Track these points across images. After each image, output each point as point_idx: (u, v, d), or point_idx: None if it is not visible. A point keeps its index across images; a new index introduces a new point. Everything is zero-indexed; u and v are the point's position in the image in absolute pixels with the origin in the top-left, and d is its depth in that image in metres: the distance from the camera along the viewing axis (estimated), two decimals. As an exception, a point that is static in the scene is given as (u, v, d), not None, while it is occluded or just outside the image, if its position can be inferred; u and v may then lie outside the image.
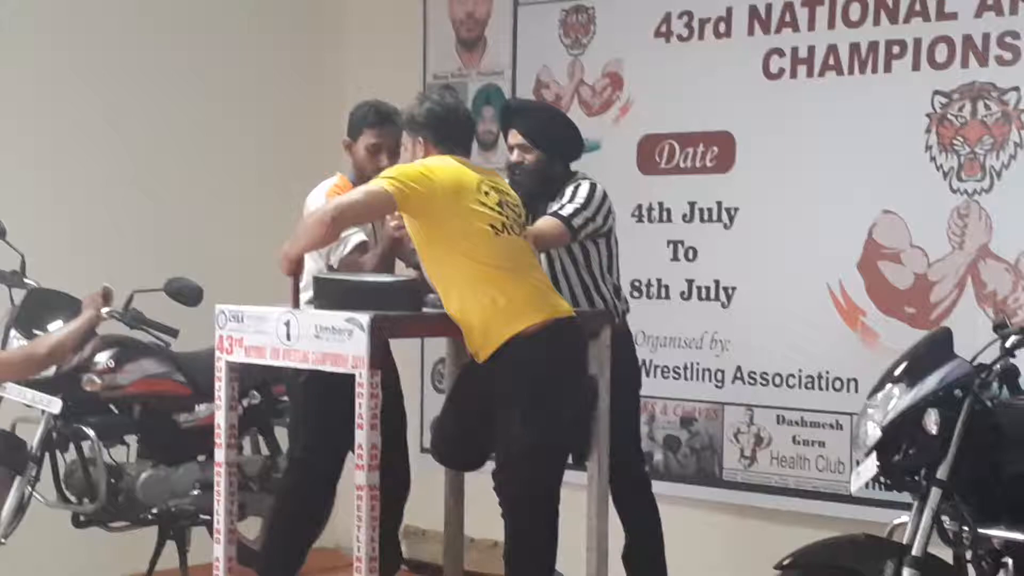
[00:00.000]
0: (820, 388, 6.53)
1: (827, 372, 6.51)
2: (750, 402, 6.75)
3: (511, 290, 5.23)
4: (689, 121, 6.92)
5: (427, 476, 6.32)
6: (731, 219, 6.80)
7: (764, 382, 6.71)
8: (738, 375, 6.79)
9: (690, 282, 6.93)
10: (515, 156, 5.89)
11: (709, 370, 6.88)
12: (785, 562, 4.27)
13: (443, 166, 5.30)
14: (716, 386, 6.85)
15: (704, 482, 6.89)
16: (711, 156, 6.88)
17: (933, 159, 6.23)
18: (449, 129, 5.46)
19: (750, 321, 6.73)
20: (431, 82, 7.90)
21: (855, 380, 6.39)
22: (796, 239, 6.60)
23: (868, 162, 6.38)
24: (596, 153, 7.05)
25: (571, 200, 5.75)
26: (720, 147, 6.84)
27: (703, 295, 6.89)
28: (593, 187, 5.82)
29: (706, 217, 6.87)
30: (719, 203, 6.83)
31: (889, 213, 6.34)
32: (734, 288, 6.79)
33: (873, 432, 4.23)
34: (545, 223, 5.68)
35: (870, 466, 4.24)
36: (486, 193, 5.30)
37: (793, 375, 6.61)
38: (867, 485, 5.97)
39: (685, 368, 6.93)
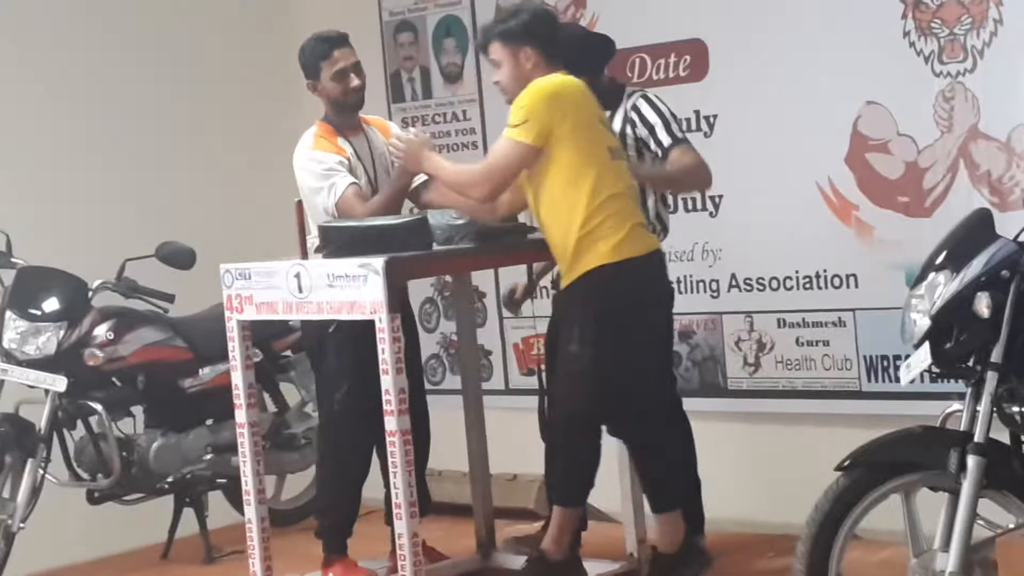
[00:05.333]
0: (819, 287, 6.50)
1: (824, 271, 6.48)
2: (749, 309, 6.70)
3: (616, 221, 5.19)
4: (658, 32, 6.84)
5: (437, 417, 6.27)
6: (711, 127, 6.73)
7: (761, 287, 6.67)
8: (734, 283, 6.74)
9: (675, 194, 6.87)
10: None
11: (703, 281, 6.83)
12: (845, 463, 4.23)
13: (569, 87, 5.21)
14: (712, 296, 6.80)
15: (709, 394, 6.84)
16: (684, 65, 6.80)
17: (912, 44, 6.17)
18: (554, 37, 5.36)
19: (741, 228, 6.67)
20: (387, 19, 7.77)
21: (854, 276, 6.38)
22: (780, 140, 6.53)
23: (846, 55, 6.32)
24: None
25: (665, 120, 5.74)
26: (692, 55, 6.77)
27: (690, 207, 6.83)
28: (658, 99, 5.79)
29: (685, 127, 6.79)
30: (697, 112, 6.75)
31: (873, 104, 6.28)
32: (721, 196, 6.73)
33: (922, 322, 4.19)
34: (691, 157, 5.68)
35: (923, 356, 4.19)
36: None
37: (790, 277, 6.57)
38: (869, 374, 6.13)
39: (679, 281, 6.86)
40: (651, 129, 5.73)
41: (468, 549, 6.01)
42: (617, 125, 5.72)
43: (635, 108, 5.77)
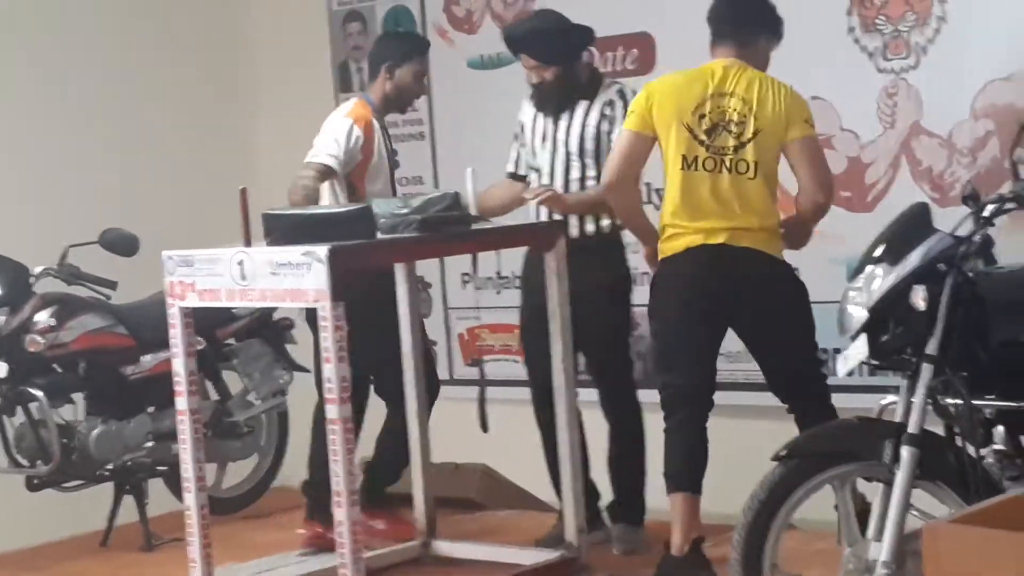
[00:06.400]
0: (762, 283, 6.53)
1: (768, 266, 6.50)
2: (693, 301, 6.72)
3: (670, 230, 5.36)
4: (606, 25, 6.83)
5: (373, 406, 6.26)
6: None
7: (705, 281, 6.68)
8: (678, 278, 6.76)
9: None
10: (535, 78, 5.87)
11: (648, 275, 6.80)
12: (781, 453, 4.26)
13: (659, 85, 5.40)
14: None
15: (654, 386, 6.83)
16: (631, 59, 6.84)
17: (857, 41, 6.24)
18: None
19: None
20: (336, 8, 7.77)
21: (796, 270, 6.40)
22: (725, 134, 6.57)
23: (791, 50, 6.28)
24: (513, 66, 6.97)
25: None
26: (640, 49, 6.80)
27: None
28: (633, 94, 5.75)
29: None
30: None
31: (817, 99, 6.28)
32: (660, 190, 6.74)
33: (859, 314, 4.21)
34: None
35: (859, 348, 4.23)
36: (701, 116, 5.27)
37: (734, 270, 6.60)
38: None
39: (625, 274, 6.89)
40: (612, 126, 5.74)
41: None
42: (594, 117, 5.78)
43: (610, 104, 5.79)
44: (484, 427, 5.84)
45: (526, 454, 6.11)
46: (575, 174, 5.80)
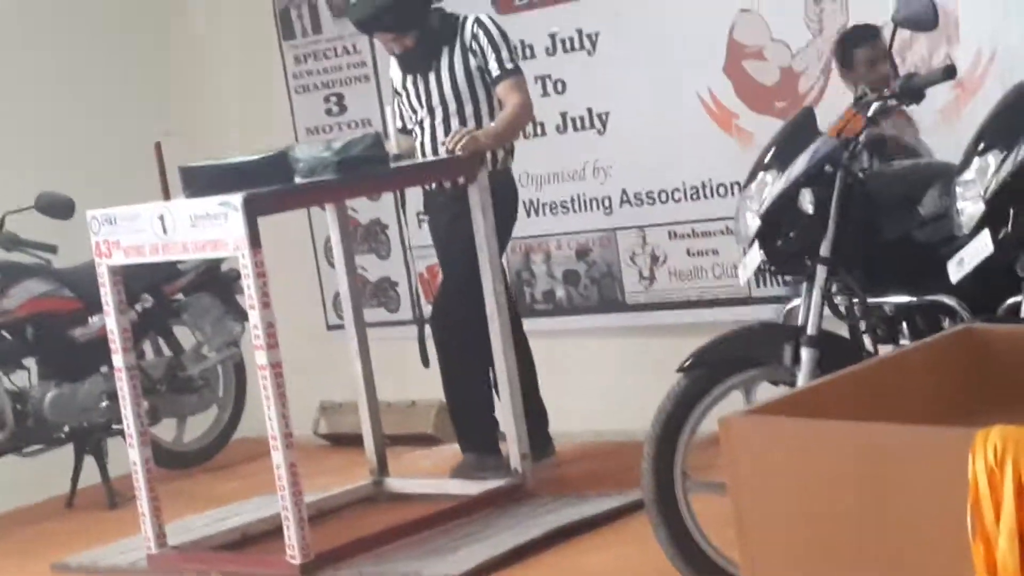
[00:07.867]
0: (705, 197, 6.54)
1: (710, 180, 6.52)
2: (641, 223, 6.75)
3: None
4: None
5: (336, 350, 6.27)
6: (593, 45, 6.75)
7: (651, 201, 6.71)
8: (625, 198, 6.78)
9: (563, 114, 6.89)
10: (397, 49, 5.92)
11: (596, 199, 6.86)
12: (686, 364, 4.26)
13: None
14: (605, 213, 6.84)
15: (609, 309, 6.90)
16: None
17: (777, -50, 6.21)
18: None
19: (628, 143, 6.71)
20: None
21: (738, 183, 6.36)
22: (660, 54, 6.56)
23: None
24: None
25: (495, 47, 5.83)
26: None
27: (578, 125, 6.86)
28: (491, 22, 5.86)
29: (568, 47, 6.82)
30: (579, 31, 6.77)
31: (745, 11, 6.31)
32: (607, 113, 6.77)
33: (752, 222, 4.23)
34: (513, 98, 5.79)
35: (755, 255, 4.25)
36: None
37: (678, 189, 6.61)
38: (758, 279, 6.15)
39: (572, 200, 6.92)
40: (485, 59, 5.81)
41: (364, 477, 6.06)
42: (460, 60, 5.82)
43: (475, 37, 5.84)
44: (425, 362, 5.88)
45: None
46: (455, 124, 5.79)
